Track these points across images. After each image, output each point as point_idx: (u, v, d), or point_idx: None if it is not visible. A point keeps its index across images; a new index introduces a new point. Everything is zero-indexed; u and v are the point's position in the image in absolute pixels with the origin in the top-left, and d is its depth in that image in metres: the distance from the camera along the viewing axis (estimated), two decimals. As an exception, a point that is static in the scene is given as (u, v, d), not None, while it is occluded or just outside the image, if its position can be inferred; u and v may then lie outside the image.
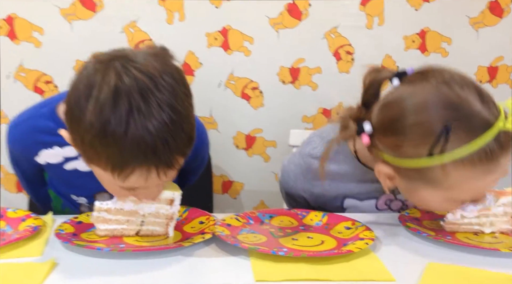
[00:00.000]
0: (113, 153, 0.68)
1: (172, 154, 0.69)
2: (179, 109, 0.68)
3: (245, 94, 1.66)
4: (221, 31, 1.59)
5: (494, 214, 0.81)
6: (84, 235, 0.79)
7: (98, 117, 0.66)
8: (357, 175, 0.95)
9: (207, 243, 0.77)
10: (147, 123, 0.66)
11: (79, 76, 0.71)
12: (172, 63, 0.73)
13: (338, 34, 1.62)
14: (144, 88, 0.66)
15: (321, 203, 1.00)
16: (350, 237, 0.79)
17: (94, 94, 0.66)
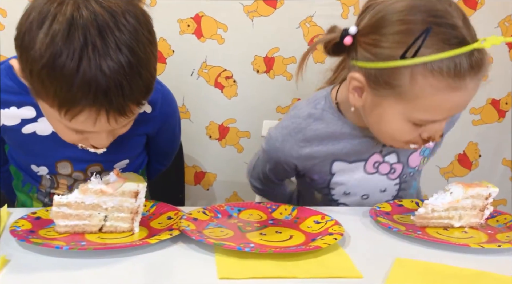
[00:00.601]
0: (61, 88, 0.64)
1: (125, 99, 0.66)
2: (139, 53, 0.65)
3: (219, 83, 1.62)
4: (194, 17, 1.55)
5: (462, 206, 0.80)
6: (42, 232, 0.74)
7: (48, 47, 0.62)
8: (344, 133, 0.95)
9: (174, 239, 0.74)
10: (101, 62, 0.62)
11: (34, 2, 0.66)
12: (139, 5, 0.69)
13: (314, 23, 1.59)
14: (103, 25, 0.63)
15: (309, 169, 0.99)
16: (319, 231, 0.77)
17: (47, 23, 0.62)
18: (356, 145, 0.95)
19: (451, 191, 0.81)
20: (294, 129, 0.96)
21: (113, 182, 0.73)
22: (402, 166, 0.99)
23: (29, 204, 0.98)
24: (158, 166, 1.11)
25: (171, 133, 1.05)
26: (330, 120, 0.96)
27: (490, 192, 0.80)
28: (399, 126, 0.83)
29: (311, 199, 1.07)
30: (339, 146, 0.96)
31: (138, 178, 0.76)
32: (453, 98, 0.77)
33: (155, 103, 0.90)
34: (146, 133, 0.96)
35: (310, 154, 0.96)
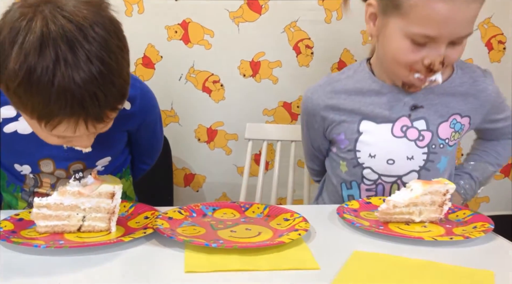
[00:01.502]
0: (38, 103, 0.67)
1: (101, 107, 0.69)
2: (109, 62, 0.67)
3: (206, 87, 1.67)
4: (181, 24, 1.59)
5: (422, 202, 0.84)
6: (24, 232, 0.78)
7: (22, 65, 0.64)
8: (372, 90, 1.02)
9: (148, 238, 0.78)
10: (74, 75, 0.64)
11: (4, 19, 0.68)
12: (107, 13, 0.71)
13: (298, 28, 1.63)
14: (71, 39, 0.65)
15: (337, 125, 1.04)
16: (287, 228, 0.81)
17: (19, 41, 0.64)
18: (383, 103, 1.00)
19: (411, 188, 0.85)
20: (325, 83, 1.06)
21: (91, 184, 0.77)
22: (431, 134, 1.00)
23: (15, 204, 1.01)
24: (142, 166, 1.14)
25: (152, 129, 1.07)
26: (360, 78, 1.03)
27: (447, 188, 0.84)
28: (400, 44, 0.90)
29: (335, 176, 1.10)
30: (366, 102, 1.01)
31: (115, 180, 0.80)
32: (441, 9, 0.83)
33: (134, 100, 0.93)
34: (127, 130, 0.99)
35: (337, 105, 1.03)
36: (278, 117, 1.71)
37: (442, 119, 1.01)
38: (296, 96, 1.70)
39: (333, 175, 1.11)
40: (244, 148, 1.67)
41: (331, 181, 1.11)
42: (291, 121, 1.72)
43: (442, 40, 0.87)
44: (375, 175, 1.02)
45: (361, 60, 1.07)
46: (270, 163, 1.70)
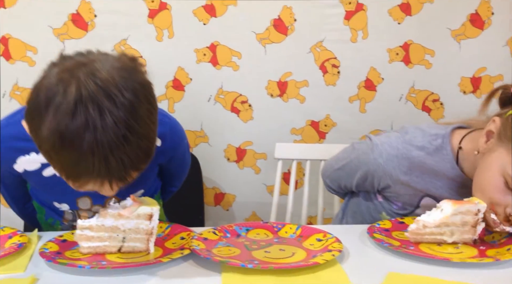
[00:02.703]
0: (67, 165, 0.70)
1: (126, 170, 0.71)
2: (136, 128, 0.69)
3: (235, 108, 1.70)
4: (210, 47, 1.64)
5: (453, 222, 0.84)
6: (68, 253, 0.81)
7: (55, 130, 0.66)
8: (447, 176, 0.96)
9: (185, 258, 0.80)
10: (102, 139, 0.66)
11: (42, 81, 0.70)
12: (138, 77, 0.73)
13: (324, 48, 1.66)
14: (101, 105, 0.66)
15: (399, 195, 1.00)
16: (320, 249, 0.82)
17: (53, 107, 0.66)
18: (452, 190, 0.96)
19: (441, 208, 0.85)
20: (402, 155, 0.97)
21: (130, 206, 0.81)
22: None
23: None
24: (172, 188, 1.17)
25: (181, 159, 1.10)
26: (440, 160, 0.96)
27: (478, 208, 0.83)
28: (493, 178, 0.85)
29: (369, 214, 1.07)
30: (437, 185, 0.98)
31: (152, 202, 0.83)
32: None
33: (164, 136, 0.96)
34: (159, 164, 1.03)
35: (408, 182, 0.98)
36: (306, 136, 1.72)
37: None
38: (323, 115, 1.72)
39: (368, 213, 1.08)
40: (272, 167, 1.68)
41: (363, 216, 1.09)
42: (319, 140, 1.73)
43: None
44: None
45: (443, 134, 0.98)
46: (299, 182, 1.71)
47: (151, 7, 1.57)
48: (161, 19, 1.59)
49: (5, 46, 1.54)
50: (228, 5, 1.59)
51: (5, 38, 1.53)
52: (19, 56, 1.55)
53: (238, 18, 1.61)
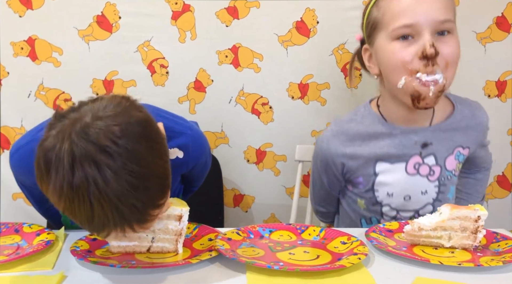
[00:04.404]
0: (82, 221, 0.69)
1: (142, 213, 0.70)
2: (139, 171, 0.67)
3: (255, 109, 1.70)
4: (232, 48, 1.64)
5: (450, 227, 0.83)
6: (98, 252, 0.83)
7: (60, 193, 0.67)
8: (384, 133, 1.06)
9: (210, 258, 0.80)
10: (106, 192, 0.66)
11: (42, 145, 0.70)
12: (133, 117, 0.70)
13: (346, 50, 1.65)
14: (96, 161, 0.65)
15: (355, 170, 1.08)
16: (345, 251, 0.81)
17: (53, 170, 0.67)
18: (396, 144, 1.05)
19: (440, 212, 0.84)
20: (337, 131, 1.10)
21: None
22: (440, 168, 1.06)
23: None
24: (191, 188, 1.18)
25: (203, 166, 1.11)
26: (369, 123, 1.08)
27: (479, 214, 0.82)
28: (391, 49, 0.98)
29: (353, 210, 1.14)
30: (380, 145, 1.06)
31: (182, 203, 0.84)
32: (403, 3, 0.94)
33: (186, 148, 0.96)
34: (181, 174, 1.04)
35: (354, 152, 1.07)
36: (327, 138, 1.72)
37: (448, 153, 1.07)
38: (344, 117, 1.71)
39: (351, 210, 1.15)
40: (292, 169, 1.68)
41: (349, 215, 1.16)
42: (339, 143, 1.72)
43: (423, 27, 0.94)
44: (393, 211, 1.08)
45: (362, 105, 1.14)
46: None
47: (174, 9, 1.58)
48: (184, 21, 1.60)
49: (31, 47, 1.57)
50: (251, 7, 1.60)
51: (31, 39, 1.56)
52: (45, 57, 1.58)
53: (260, 20, 1.61)
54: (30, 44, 1.57)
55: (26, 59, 1.57)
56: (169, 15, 1.58)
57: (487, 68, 1.65)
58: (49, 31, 1.56)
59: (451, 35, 0.97)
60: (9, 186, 1.62)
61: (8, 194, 1.65)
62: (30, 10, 1.54)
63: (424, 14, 0.94)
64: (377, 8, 1.00)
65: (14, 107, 1.59)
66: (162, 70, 1.63)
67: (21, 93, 1.59)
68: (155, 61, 1.62)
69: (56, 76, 1.59)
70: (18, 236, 0.90)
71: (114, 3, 1.56)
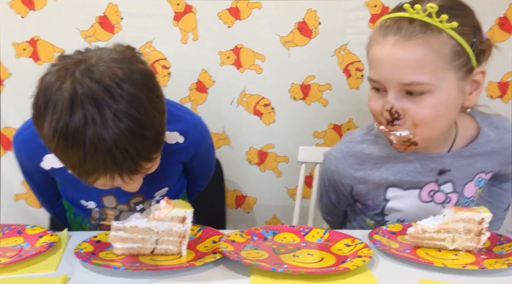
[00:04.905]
0: (74, 163, 0.70)
1: (134, 161, 0.70)
2: (138, 117, 0.68)
3: (257, 110, 1.70)
4: (233, 49, 1.64)
5: (454, 229, 0.83)
6: (102, 254, 0.82)
7: (55, 132, 0.67)
8: (397, 157, 0.98)
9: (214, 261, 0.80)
10: (103, 133, 0.66)
11: (41, 82, 0.70)
12: (138, 67, 0.72)
13: (348, 51, 1.65)
14: (98, 100, 0.66)
15: (364, 193, 1.02)
16: (349, 254, 0.81)
17: (51, 106, 0.67)
18: (410, 171, 0.98)
19: (444, 214, 0.84)
20: (347, 153, 1.01)
21: (163, 208, 0.81)
22: (458, 195, 1.00)
23: None
24: (196, 188, 1.18)
25: (205, 157, 1.10)
26: (383, 146, 0.99)
27: (483, 217, 0.82)
28: (369, 94, 0.94)
29: (361, 228, 1.09)
30: (393, 170, 0.99)
31: (185, 205, 0.84)
32: (376, 52, 0.89)
33: (186, 133, 0.96)
34: (182, 161, 1.03)
35: (364, 177, 1.00)
36: (328, 139, 1.71)
37: (468, 180, 1.00)
38: (346, 119, 1.71)
39: (359, 227, 1.10)
40: (294, 170, 1.68)
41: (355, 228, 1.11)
42: (341, 144, 1.72)
43: (388, 86, 0.87)
44: None
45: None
46: (321, 185, 1.70)
47: (176, 10, 1.58)
48: (186, 22, 1.60)
49: (33, 48, 1.57)
50: (253, 8, 1.60)
51: (34, 40, 1.56)
52: (47, 58, 1.57)
53: (262, 21, 1.61)
54: (33, 45, 1.57)
55: (28, 60, 1.57)
56: (171, 16, 1.58)
57: (489, 69, 1.63)
58: (51, 32, 1.56)
59: (425, 95, 0.86)
60: (11, 187, 1.62)
61: (9, 195, 1.65)
62: (32, 11, 1.53)
63: (387, 74, 0.87)
64: (370, 39, 0.95)
65: (16, 108, 1.59)
66: (164, 71, 1.63)
67: (23, 94, 1.57)
68: (157, 62, 1.62)
69: (58, 77, 1.59)
70: (21, 237, 0.90)
71: (116, 4, 1.55)
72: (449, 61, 0.85)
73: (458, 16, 0.86)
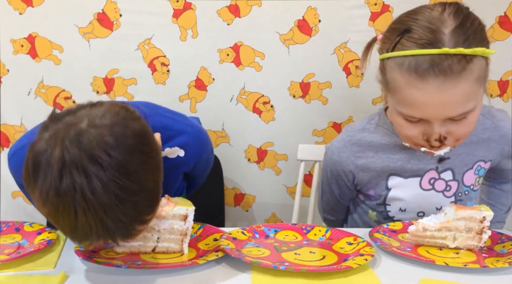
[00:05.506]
0: (65, 230, 0.68)
1: (127, 227, 0.68)
2: (128, 185, 0.65)
3: (257, 108, 1.69)
4: (233, 47, 1.63)
5: (455, 228, 0.82)
6: (103, 252, 0.82)
7: (45, 198, 0.65)
8: (398, 145, 0.99)
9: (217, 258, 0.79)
10: (93, 203, 0.64)
11: (32, 148, 0.68)
12: (130, 128, 0.69)
13: (348, 49, 1.64)
14: (86, 169, 0.64)
15: (366, 183, 1.02)
16: (351, 252, 0.81)
17: (41, 176, 0.65)
18: (411, 158, 0.99)
19: (445, 212, 0.84)
20: (349, 142, 1.02)
21: (165, 206, 0.80)
22: (457, 183, 1.01)
23: None
24: (194, 185, 1.17)
25: (205, 163, 1.10)
26: (384, 134, 1.01)
27: (484, 215, 0.81)
28: (396, 120, 0.90)
29: (363, 222, 1.10)
30: (394, 158, 1.00)
31: (187, 203, 0.83)
32: (417, 96, 0.82)
33: (187, 146, 0.95)
34: (183, 172, 1.02)
35: (366, 164, 1.01)
36: (328, 138, 1.71)
37: (467, 168, 1.01)
38: (346, 117, 1.70)
39: (361, 221, 1.11)
40: (293, 168, 1.67)
41: (358, 225, 1.12)
42: (341, 142, 1.71)
43: (433, 120, 0.85)
44: None
45: (378, 112, 1.05)
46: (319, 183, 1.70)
47: (175, 7, 1.57)
48: (186, 19, 1.59)
49: (31, 45, 1.55)
50: (252, 5, 1.59)
51: (31, 36, 1.55)
52: (45, 55, 1.57)
53: (262, 19, 1.60)
54: (30, 42, 1.55)
55: (26, 57, 1.56)
56: (170, 13, 1.57)
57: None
58: (49, 29, 1.55)
59: (468, 115, 0.86)
60: (9, 185, 1.61)
61: (7, 193, 1.64)
62: (30, 7, 1.52)
63: (436, 112, 0.84)
64: (389, 70, 0.86)
65: (14, 105, 1.58)
66: (163, 68, 1.62)
67: (21, 91, 1.58)
68: (156, 59, 1.61)
69: (56, 74, 1.58)
70: (19, 235, 0.89)
71: (115, 0, 1.54)
72: (484, 78, 0.84)
73: (476, 30, 0.83)
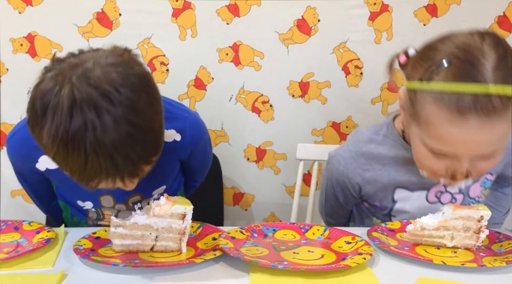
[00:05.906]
0: (74, 169, 0.69)
1: (135, 165, 0.70)
2: (138, 122, 0.67)
3: (256, 108, 1.69)
4: (232, 46, 1.64)
5: (453, 227, 0.83)
6: (101, 250, 0.81)
7: (54, 137, 0.66)
8: (406, 158, 0.95)
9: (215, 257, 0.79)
10: (104, 139, 0.65)
11: (37, 87, 0.68)
12: (135, 70, 0.71)
13: (347, 49, 1.64)
14: (97, 105, 0.65)
15: (372, 194, 1.00)
16: (350, 251, 0.81)
17: (50, 113, 0.65)
18: (418, 172, 0.95)
19: (443, 211, 0.84)
20: (356, 153, 0.99)
21: (163, 204, 0.80)
22: (463, 196, 1.00)
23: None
24: (193, 183, 1.17)
25: (203, 153, 1.09)
26: (391, 146, 0.97)
27: (482, 214, 0.82)
28: (420, 150, 0.86)
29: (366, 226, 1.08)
30: (401, 171, 0.97)
31: (185, 201, 0.83)
32: (455, 133, 0.77)
33: (183, 131, 0.96)
34: (179, 159, 1.02)
35: (373, 177, 0.98)
36: (327, 137, 1.71)
37: (474, 181, 0.99)
38: (345, 116, 1.71)
39: (364, 226, 1.08)
40: (292, 167, 1.68)
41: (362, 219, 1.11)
42: (340, 142, 1.72)
43: (461, 158, 0.82)
44: None
45: (385, 122, 1.01)
46: (319, 183, 1.70)
47: (175, 7, 1.57)
48: (185, 19, 1.59)
49: (31, 44, 1.56)
50: (252, 5, 1.59)
51: (31, 35, 1.55)
52: (44, 54, 1.57)
53: (261, 18, 1.60)
54: (30, 41, 1.55)
55: (25, 56, 1.56)
56: (170, 12, 1.58)
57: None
58: (48, 28, 1.55)
59: (496, 152, 0.83)
60: (9, 183, 1.61)
61: (7, 191, 1.64)
62: (30, 6, 1.52)
63: (469, 150, 0.80)
64: (423, 101, 0.80)
65: (13, 104, 1.58)
66: (162, 67, 1.62)
67: (21, 90, 1.57)
68: (155, 58, 1.61)
69: (55, 73, 1.58)
70: (18, 233, 0.89)
71: (114, 0, 1.54)
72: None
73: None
